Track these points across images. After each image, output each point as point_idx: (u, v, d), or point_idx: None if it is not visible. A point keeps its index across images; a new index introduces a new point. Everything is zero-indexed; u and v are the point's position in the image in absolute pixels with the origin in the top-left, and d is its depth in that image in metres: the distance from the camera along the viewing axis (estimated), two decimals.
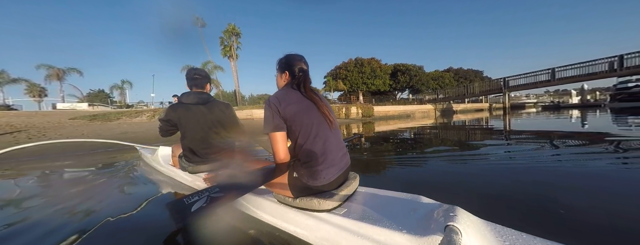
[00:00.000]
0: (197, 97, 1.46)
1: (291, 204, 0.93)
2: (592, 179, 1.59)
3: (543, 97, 37.45)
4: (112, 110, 12.20)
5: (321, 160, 0.86)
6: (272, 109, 0.88)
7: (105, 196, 1.60)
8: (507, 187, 1.54)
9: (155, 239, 0.99)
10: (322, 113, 0.91)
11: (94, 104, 22.44)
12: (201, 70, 1.57)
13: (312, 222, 0.85)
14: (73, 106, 19.10)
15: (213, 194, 0.78)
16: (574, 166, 1.92)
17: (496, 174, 1.83)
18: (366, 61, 24.90)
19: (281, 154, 0.88)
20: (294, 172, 0.91)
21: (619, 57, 11.33)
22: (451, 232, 0.53)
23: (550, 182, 1.56)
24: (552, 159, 2.17)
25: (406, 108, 19.33)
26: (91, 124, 7.39)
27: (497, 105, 25.08)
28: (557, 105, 20.94)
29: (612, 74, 11.80)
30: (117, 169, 2.49)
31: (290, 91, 0.93)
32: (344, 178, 0.95)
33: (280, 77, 1.01)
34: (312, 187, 0.87)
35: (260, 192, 1.10)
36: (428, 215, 0.69)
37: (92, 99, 26.54)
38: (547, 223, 1.02)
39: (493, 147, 2.98)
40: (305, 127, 0.87)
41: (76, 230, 1.07)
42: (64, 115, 8.64)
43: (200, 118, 1.44)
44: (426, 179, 1.81)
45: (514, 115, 10.93)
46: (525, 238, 0.59)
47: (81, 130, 6.11)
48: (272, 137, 0.88)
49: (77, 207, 1.41)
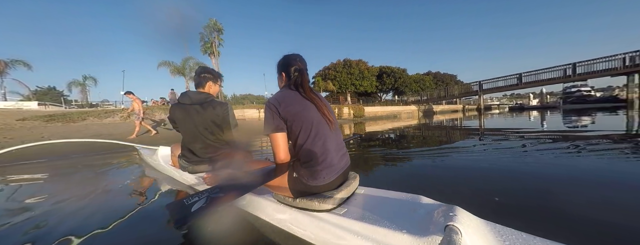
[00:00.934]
0: (192, 97, 1.44)
1: (291, 204, 0.91)
2: (558, 169, 1.66)
3: (503, 99, 41.72)
4: (74, 111, 10.28)
5: (321, 160, 0.85)
6: (272, 110, 0.86)
7: (105, 196, 1.56)
8: (505, 180, 1.56)
9: (155, 239, 0.97)
10: (322, 113, 0.89)
11: (45, 102, 18.62)
12: (205, 68, 1.54)
13: (312, 222, 0.83)
14: (18, 105, 15.49)
15: (213, 195, 0.76)
16: (541, 160, 1.99)
17: (485, 166, 1.90)
18: (354, 63, 25.24)
19: (281, 155, 0.87)
20: (293, 172, 0.89)
21: (572, 65, 12.87)
22: (451, 232, 0.52)
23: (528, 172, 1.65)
24: (528, 155, 2.24)
25: (393, 109, 20.11)
26: (49, 125, 6.25)
27: (469, 107, 26.56)
28: (521, 106, 22.58)
29: (568, 79, 13.36)
30: (117, 170, 2.43)
31: (288, 92, 0.92)
32: (343, 178, 0.93)
33: (279, 78, 1.00)
34: (312, 187, 0.86)
35: (260, 192, 1.07)
36: (428, 215, 0.68)
37: (40, 98, 22.48)
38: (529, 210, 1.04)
39: (494, 144, 3.04)
40: (305, 128, 0.86)
41: (76, 231, 1.05)
42: (10, 115, 7.20)
43: (195, 118, 1.42)
44: (426, 178, 1.77)
45: (486, 115, 11.68)
46: (525, 238, 0.59)
47: (39, 133, 5.13)
48: (272, 138, 0.86)
49: (76, 207, 1.37)
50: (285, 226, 0.93)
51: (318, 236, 0.81)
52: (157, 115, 8.31)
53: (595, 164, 1.87)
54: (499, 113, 14.27)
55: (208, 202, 0.72)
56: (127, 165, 2.59)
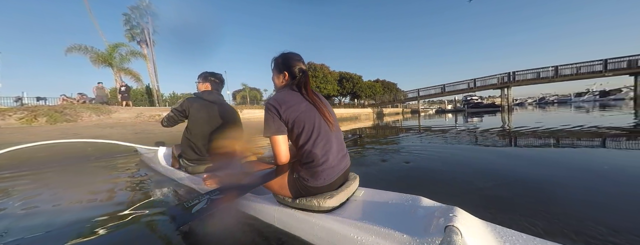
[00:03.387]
0: (215, 96, 1.46)
1: (291, 204, 0.86)
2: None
3: (424, 105, 52.73)
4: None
5: (322, 161, 0.80)
6: (272, 112, 0.80)
7: (105, 197, 1.48)
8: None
9: (156, 240, 0.93)
10: (323, 115, 0.85)
11: None
12: (210, 73, 1.53)
13: (312, 222, 0.79)
14: None
15: (213, 197, 0.72)
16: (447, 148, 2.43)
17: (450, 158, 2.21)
18: (319, 66, 25.87)
19: (282, 157, 0.82)
20: (294, 172, 0.84)
21: (473, 80, 17.52)
22: (451, 233, 0.50)
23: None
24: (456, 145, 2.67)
25: (354, 111, 22.38)
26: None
27: (406, 110, 31.65)
28: (442, 110, 28.27)
29: (471, 89, 18.02)
30: (117, 170, 2.28)
31: (290, 93, 0.85)
32: (344, 179, 0.89)
33: (277, 77, 0.92)
34: (312, 188, 0.82)
35: (260, 192, 1.00)
36: (428, 216, 0.65)
37: None
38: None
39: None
40: (306, 129, 0.81)
41: (76, 231, 1.00)
42: None
43: (212, 116, 1.41)
44: (426, 177, 1.70)
45: (423, 117, 13.91)
46: (525, 238, 0.56)
47: None
48: (273, 140, 0.81)
49: (76, 208, 1.31)
50: (285, 227, 0.88)
51: (318, 237, 0.77)
52: (87, 115, 6.28)
53: (474, 148, 2.69)
54: (429, 115, 17.62)
55: (208, 203, 0.70)
56: (127, 166, 2.44)
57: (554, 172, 1.63)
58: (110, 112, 7.29)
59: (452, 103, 30.07)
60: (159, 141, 2.67)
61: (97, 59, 10.52)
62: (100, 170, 2.37)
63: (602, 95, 27.39)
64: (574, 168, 1.68)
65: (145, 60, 13.60)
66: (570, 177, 1.48)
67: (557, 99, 35.54)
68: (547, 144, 2.72)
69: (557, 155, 2.18)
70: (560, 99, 34.68)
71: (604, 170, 1.58)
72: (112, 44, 11.08)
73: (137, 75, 11.97)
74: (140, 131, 5.61)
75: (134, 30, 14.19)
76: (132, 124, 6.69)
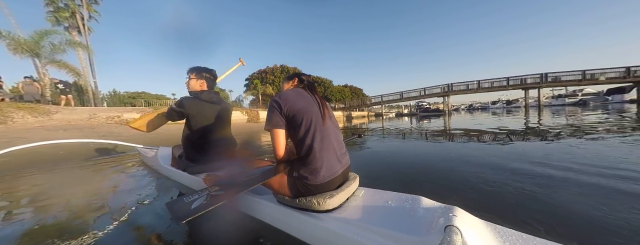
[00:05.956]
0: (215, 97, 1.40)
1: (291, 204, 0.83)
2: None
3: (385, 109, 59.21)
4: None
5: (321, 160, 0.79)
6: (275, 107, 0.80)
7: (105, 197, 1.44)
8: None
9: (155, 238, 0.90)
10: (323, 114, 0.84)
11: None
12: (214, 71, 1.43)
13: (312, 222, 0.76)
14: None
15: (213, 192, 0.72)
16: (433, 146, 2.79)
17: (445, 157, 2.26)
18: (292, 70, 26.46)
19: (280, 151, 0.80)
20: (293, 172, 0.81)
21: (424, 89, 20.41)
22: (451, 233, 0.48)
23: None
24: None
25: None
26: None
27: (370, 113, 33.54)
28: (401, 113, 31.51)
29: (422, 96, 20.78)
30: (117, 170, 2.20)
31: (296, 90, 0.87)
32: (343, 178, 0.87)
33: (287, 83, 0.98)
34: (311, 187, 0.79)
35: (260, 192, 0.95)
36: (428, 216, 0.63)
37: None
38: None
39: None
40: (306, 127, 0.79)
41: (76, 231, 0.97)
42: None
43: (213, 116, 1.37)
44: (427, 177, 1.68)
45: (386, 120, 15.08)
46: (525, 238, 0.54)
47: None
48: (273, 133, 0.80)
49: (76, 208, 1.26)
50: (284, 226, 0.85)
51: (317, 237, 0.75)
52: (19, 116, 5.11)
53: (423, 143, 3.20)
54: (389, 118, 19.23)
55: (208, 199, 0.68)
56: (127, 166, 2.36)
57: (443, 155, 2.30)
58: (50, 113, 6.03)
59: (408, 108, 33.78)
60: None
61: (16, 46, 7.65)
62: (100, 170, 2.28)
63: (508, 103, 34.81)
64: (451, 155, 2.31)
65: (87, 51, 10.79)
66: (446, 160, 2.11)
67: (480, 106, 43.15)
68: (454, 139, 3.49)
69: (458, 146, 2.85)
70: (483, 106, 42.25)
71: (469, 155, 2.24)
72: (41, 30, 8.21)
73: (75, 69, 9.39)
74: (107, 133, 4.84)
75: (60, 13, 10.85)
76: (89, 126, 5.67)
